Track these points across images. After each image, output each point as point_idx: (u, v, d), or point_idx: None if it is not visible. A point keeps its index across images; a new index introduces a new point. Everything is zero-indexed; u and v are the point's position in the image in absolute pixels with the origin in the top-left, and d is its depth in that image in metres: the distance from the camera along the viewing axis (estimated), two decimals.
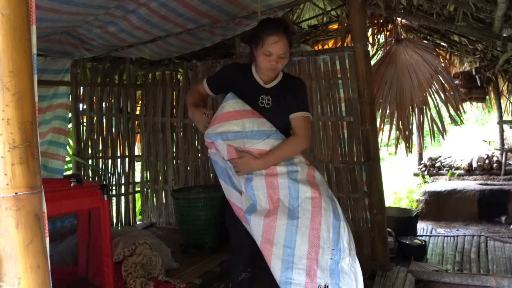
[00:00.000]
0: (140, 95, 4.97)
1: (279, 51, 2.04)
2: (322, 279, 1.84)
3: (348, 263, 1.89)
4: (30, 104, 0.94)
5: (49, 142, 4.09)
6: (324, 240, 1.87)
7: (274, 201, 1.98)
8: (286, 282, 1.84)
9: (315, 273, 1.84)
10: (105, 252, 2.10)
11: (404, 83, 4.70)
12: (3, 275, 0.90)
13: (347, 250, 1.90)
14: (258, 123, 2.07)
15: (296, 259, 1.85)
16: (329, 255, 1.87)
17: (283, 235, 1.88)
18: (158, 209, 4.64)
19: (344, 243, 1.90)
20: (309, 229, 1.88)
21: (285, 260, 1.85)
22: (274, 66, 2.08)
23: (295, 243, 1.86)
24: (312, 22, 5.35)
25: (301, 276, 1.83)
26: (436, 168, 7.25)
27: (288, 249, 1.86)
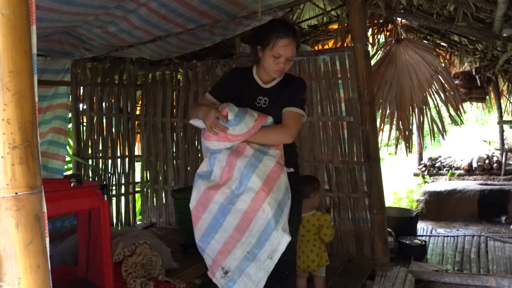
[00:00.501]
0: (140, 95, 4.97)
1: (289, 54, 2.05)
2: (228, 263, 1.95)
3: (253, 272, 1.93)
4: (30, 104, 0.94)
5: (49, 142, 4.09)
6: (247, 236, 1.91)
7: (224, 179, 2.00)
8: (201, 248, 2.02)
9: (225, 256, 1.95)
10: (105, 252, 2.10)
11: (404, 83, 4.70)
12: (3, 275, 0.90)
13: (265, 260, 1.92)
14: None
15: (218, 236, 1.96)
16: (247, 249, 1.93)
17: (216, 210, 1.97)
18: (158, 209, 4.64)
19: (267, 250, 1.91)
20: (238, 220, 1.92)
21: (209, 230, 1.98)
22: (281, 68, 2.08)
23: (223, 223, 1.95)
24: (312, 22, 5.35)
25: (215, 250, 1.98)
26: (436, 168, 7.25)
27: (215, 222, 1.96)
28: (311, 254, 2.65)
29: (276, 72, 2.11)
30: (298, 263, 2.62)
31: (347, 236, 3.71)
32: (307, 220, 2.66)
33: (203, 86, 4.37)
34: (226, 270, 1.96)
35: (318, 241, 2.67)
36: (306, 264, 2.66)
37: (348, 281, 3.11)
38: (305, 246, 2.66)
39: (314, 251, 2.65)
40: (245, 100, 2.16)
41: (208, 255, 2.01)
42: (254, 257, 1.92)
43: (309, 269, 2.68)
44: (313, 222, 2.67)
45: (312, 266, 2.66)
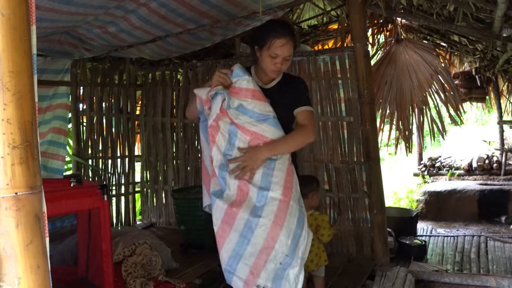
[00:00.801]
0: (140, 95, 4.97)
1: (286, 53, 2.04)
2: (263, 279, 1.85)
3: (295, 273, 1.89)
4: (30, 104, 0.94)
5: (49, 142, 4.09)
6: (280, 244, 1.86)
7: (243, 194, 1.95)
8: (230, 271, 1.88)
9: (258, 273, 1.85)
10: (105, 252, 2.10)
11: (404, 83, 4.70)
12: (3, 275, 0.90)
13: (299, 260, 1.90)
14: (259, 106, 2.02)
15: (247, 254, 1.87)
16: (280, 259, 1.87)
17: (242, 227, 1.88)
18: (158, 209, 4.64)
19: (299, 252, 1.90)
20: (268, 230, 1.86)
21: (236, 250, 1.88)
22: (278, 68, 2.09)
23: (251, 239, 1.86)
24: (312, 22, 5.35)
25: (245, 271, 1.86)
26: (436, 168, 7.25)
27: (242, 240, 1.87)
28: (310, 254, 2.65)
29: (273, 72, 2.11)
30: None
31: (347, 236, 3.70)
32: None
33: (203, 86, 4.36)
34: (264, 287, 1.88)
35: (317, 241, 2.67)
36: (305, 265, 2.66)
37: (348, 281, 3.11)
38: None
39: (313, 251, 2.64)
40: None
41: (239, 278, 1.88)
42: (289, 265, 1.88)
43: (308, 269, 2.68)
44: (311, 222, 2.67)
45: (311, 266, 2.66)
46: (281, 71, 2.13)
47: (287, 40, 2.03)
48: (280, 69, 2.10)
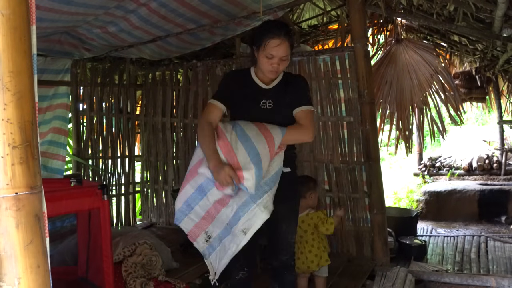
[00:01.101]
0: (140, 95, 4.97)
1: (281, 53, 2.04)
2: (212, 228, 2.05)
3: (228, 242, 2.00)
4: (30, 104, 0.94)
5: (49, 142, 4.09)
6: (226, 207, 2.03)
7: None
8: (184, 211, 2.09)
9: (209, 222, 2.06)
10: (105, 252, 2.10)
11: (404, 83, 4.70)
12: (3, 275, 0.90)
13: (236, 233, 1.97)
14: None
15: (202, 202, 2.08)
16: (226, 220, 2.02)
17: (202, 180, 2.10)
18: (158, 209, 4.64)
19: (239, 227, 1.97)
20: (221, 194, 2.03)
21: (196, 193, 2.10)
22: (275, 68, 2.09)
23: (208, 193, 2.07)
24: (312, 22, 5.34)
25: (198, 215, 2.08)
26: (436, 168, 7.25)
27: (201, 190, 2.10)
28: (309, 255, 2.65)
29: (271, 73, 2.11)
30: (298, 264, 2.61)
31: (347, 236, 3.70)
32: (302, 221, 2.66)
33: (203, 86, 4.37)
34: (209, 236, 2.04)
35: (317, 241, 2.67)
36: (306, 265, 2.66)
37: (348, 281, 3.11)
38: (304, 246, 2.66)
39: (312, 252, 2.65)
40: (249, 104, 2.17)
41: (191, 218, 2.07)
42: (231, 229, 1.99)
43: (309, 270, 2.68)
44: (308, 221, 2.67)
45: (312, 267, 2.66)
46: (278, 71, 2.12)
47: (281, 41, 2.03)
48: (277, 69, 2.10)
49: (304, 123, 2.13)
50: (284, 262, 2.21)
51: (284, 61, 2.08)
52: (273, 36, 2.02)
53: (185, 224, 2.09)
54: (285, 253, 2.21)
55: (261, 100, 2.16)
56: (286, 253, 2.22)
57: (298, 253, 2.64)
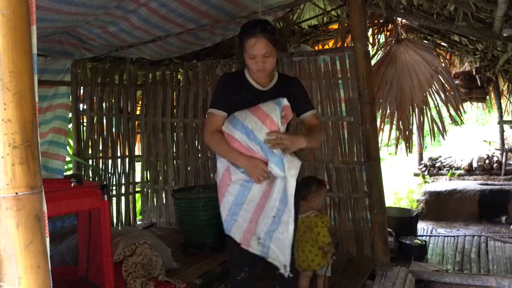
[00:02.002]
0: (140, 95, 4.97)
1: (261, 51, 2.03)
2: (259, 229, 2.05)
3: (281, 233, 2.02)
4: (30, 104, 0.94)
5: (49, 142, 4.09)
6: (270, 201, 2.07)
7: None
8: (229, 221, 2.11)
9: (256, 223, 2.07)
10: (105, 252, 2.10)
11: (404, 83, 4.69)
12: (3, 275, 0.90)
13: (285, 221, 2.01)
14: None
15: (245, 205, 2.11)
16: (272, 213, 2.05)
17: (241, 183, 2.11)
18: (159, 209, 4.64)
19: (286, 214, 2.02)
20: (262, 190, 2.09)
21: (238, 199, 2.11)
22: (261, 67, 2.07)
23: (248, 195, 2.11)
24: (312, 22, 5.35)
25: (246, 219, 2.08)
26: (436, 168, 7.25)
27: (242, 195, 2.11)
28: (309, 254, 2.65)
29: (259, 71, 2.10)
30: (299, 262, 2.62)
31: (347, 236, 3.70)
32: (302, 222, 2.65)
33: (203, 86, 4.37)
34: (258, 237, 2.04)
35: (309, 244, 2.66)
36: (307, 264, 2.66)
37: (348, 281, 3.11)
38: (304, 246, 2.67)
39: (312, 251, 2.65)
40: (247, 105, 2.14)
41: (239, 225, 2.07)
42: (280, 219, 2.02)
43: (310, 268, 2.68)
44: (307, 223, 2.67)
45: (313, 266, 2.66)
46: (265, 68, 2.10)
47: (257, 38, 2.01)
48: (263, 67, 2.08)
49: (316, 124, 2.25)
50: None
51: (268, 58, 2.06)
52: (248, 36, 2.03)
53: (234, 233, 2.09)
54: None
55: (259, 99, 2.15)
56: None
57: (299, 251, 2.65)
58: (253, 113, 2.07)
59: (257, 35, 2.01)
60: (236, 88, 2.18)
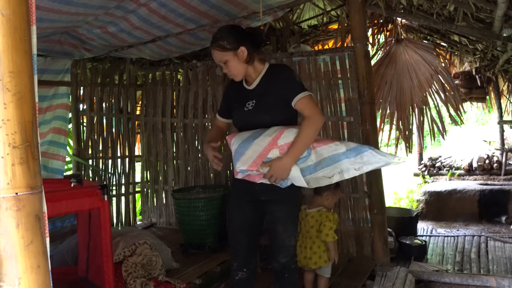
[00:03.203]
0: (140, 95, 4.97)
1: (217, 60, 2.16)
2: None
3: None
4: (30, 104, 0.94)
5: (49, 143, 4.09)
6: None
7: None
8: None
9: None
10: (105, 252, 2.09)
11: (404, 83, 4.69)
12: (3, 275, 0.90)
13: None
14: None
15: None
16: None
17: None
18: (158, 209, 4.64)
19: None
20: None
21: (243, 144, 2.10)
22: (228, 73, 2.18)
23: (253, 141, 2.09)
24: (312, 22, 5.34)
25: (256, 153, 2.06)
26: (436, 168, 7.25)
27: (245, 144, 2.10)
28: (309, 251, 2.67)
29: (231, 77, 2.20)
30: (300, 258, 2.65)
31: (347, 236, 3.70)
32: (312, 216, 2.69)
33: (203, 86, 4.37)
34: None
35: (319, 240, 2.68)
36: (306, 261, 2.67)
37: (348, 281, 3.11)
38: (307, 242, 2.69)
39: (313, 249, 2.67)
40: (238, 108, 2.20)
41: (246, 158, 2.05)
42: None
43: (308, 266, 2.69)
44: (316, 218, 2.69)
45: (310, 264, 2.68)
46: (232, 74, 2.18)
47: (212, 49, 2.16)
48: (230, 73, 2.18)
49: (307, 113, 2.05)
50: (283, 264, 2.19)
51: (227, 64, 2.14)
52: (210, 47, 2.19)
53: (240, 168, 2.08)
54: (283, 255, 2.18)
55: (247, 102, 2.18)
56: (285, 255, 2.19)
57: (302, 247, 2.68)
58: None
59: (212, 46, 2.16)
60: (234, 90, 2.28)
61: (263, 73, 2.18)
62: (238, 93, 2.24)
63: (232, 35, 2.12)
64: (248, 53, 2.11)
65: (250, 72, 2.17)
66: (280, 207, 2.14)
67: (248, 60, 2.13)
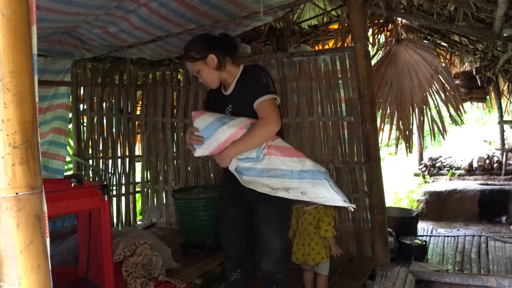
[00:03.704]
0: (140, 95, 4.97)
1: (191, 71, 2.21)
2: None
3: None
4: (30, 104, 0.94)
5: (49, 143, 4.09)
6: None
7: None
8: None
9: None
10: (106, 252, 2.09)
11: (404, 83, 4.69)
12: (3, 275, 0.90)
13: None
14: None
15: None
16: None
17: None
18: (159, 209, 4.64)
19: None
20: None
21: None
22: (203, 82, 2.23)
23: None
24: (312, 22, 5.35)
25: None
26: (436, 168, 7.24)
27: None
28: (307, 248, 2.69)
29: (207, 85, 2.24)
30: (297, 255, 2.68)
31: (347, 236, 3.70)
32: (309, 213, 2.71)
33: (203, 86, 4.37)
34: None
35: (317, 236, 2.70)
36: (304, 258, 2.68)
37: (348, 281, 3.11)
38: (305, 239, 2.70)
39: (311, 245, 2.69)
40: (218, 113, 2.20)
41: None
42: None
43: (306, 263, 2.71)
44: (314, 214, 2.72)
45: (308, 260, 2.69)
46: (206, 83, 2.21)
47: (184, 60, 2.24)
48: (204, 82, 2.21)
49: (260, 116, 2.00)
50: (267, 272, 2.09)
51: (199, 74, 2.18)
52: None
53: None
54: (266, 261, 2.08)
55: (226, 107, 2.18)
56: (268, 261, 2.08)
57: (300, 244, 2.70)
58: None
59: (184, 58, 2.24)
60: (213, 98, 2.30)
61: (237, 76, 2.16)
62: (216, 100, 2.25)
63: (200, 45, 2.15)
64: (218, 60, 2.11)
65: (225, 77, 2.17)
66: (265, 208, 2.09)
67: (219, 66, 2.13)
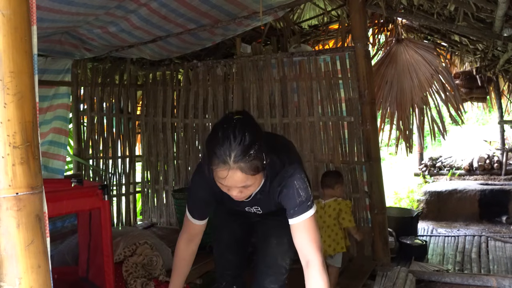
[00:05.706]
0: (140, 95, 4.97)
1: (236, 184, 1.40)
2: None
3: None
4: (31, 104, 0.93)
5: (49, 143, 4.09)
6: None
7: None
8: None
9: None
10: (106, 252, 2.10)
11: (404, 83, 4.69)
12: (4, 275, 0.90)
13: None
14: None
15: None
16: None
17: None
18: (159, 209, 4.64)
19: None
20: None
21: None
22: (238, 197, 1.49)
23: None
24: (312, 22, 5.35)
25: None
26: (436, 168, 7.24)
27: None
28: (328, 239, 2.76)
29: (235, 198, 1.51)
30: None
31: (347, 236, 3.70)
32: (329, 206, 2.84)
33: (203, 86, 4.37)
34: None
35: (337, 227, 2.79)
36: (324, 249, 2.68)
37: (349, 281, 3.11)
38: (324, 231, 2.78)
39: (331, 236, 2.76)
40: (232, 210, 1.86)
41: None
42: None
43: (325, 254, 2.74)
44: (334, 206, 2.83)
45: (329, 251, 2.78)
46: (245, 196, 1.52)
47: (228, 171, 1.36)
48: (240, 197, 1.50)
49: (310, 258, 1.48)
50: (280, 265, 1.80)
51: (248, 188, 1.44)
52: (218, 163, 1.36)
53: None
54: (272, 281, 1.78)
55: (245, 207, 1.76)
56: (273, 279, 1.78)
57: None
58: None
59: (231, 164, 1.35)
60: (208, 193, 1.73)
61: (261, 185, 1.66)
62: (216, 195, 1.69)
63: (262, 148, 1.41)
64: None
65: None
66: (273, 219, 1.79)
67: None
